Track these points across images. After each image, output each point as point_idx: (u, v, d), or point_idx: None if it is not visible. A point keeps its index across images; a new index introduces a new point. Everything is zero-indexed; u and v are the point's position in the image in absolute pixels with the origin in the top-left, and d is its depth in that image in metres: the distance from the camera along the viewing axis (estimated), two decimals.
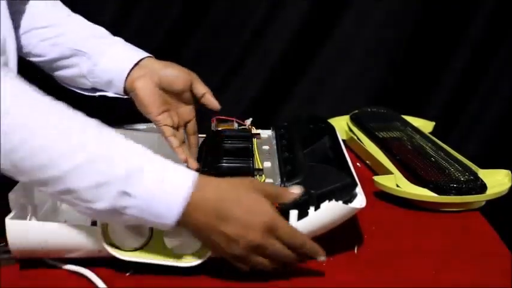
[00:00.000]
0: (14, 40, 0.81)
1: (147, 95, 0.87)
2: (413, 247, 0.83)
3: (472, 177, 0.93)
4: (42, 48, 0.92)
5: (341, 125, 1.16)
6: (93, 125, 0.68)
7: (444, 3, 1.34)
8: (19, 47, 0.83)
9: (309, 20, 1.33)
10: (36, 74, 0.89)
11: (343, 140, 1.12)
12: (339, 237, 0.83)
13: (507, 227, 0.89)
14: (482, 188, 0.92)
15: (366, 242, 0.83)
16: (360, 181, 0.80)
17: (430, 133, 1.15)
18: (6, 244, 0.74)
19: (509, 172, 0.96)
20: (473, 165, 0.98)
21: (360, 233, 0.85)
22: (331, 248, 0.80)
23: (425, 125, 1.21)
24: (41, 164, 0.65)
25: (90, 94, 0.94)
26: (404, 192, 0.91)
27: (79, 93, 0.94)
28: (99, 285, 0.71)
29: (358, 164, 1.08)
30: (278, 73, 1.35)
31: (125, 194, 0.66)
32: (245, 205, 0.69)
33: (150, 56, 0.91)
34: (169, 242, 0.73)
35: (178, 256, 0.73)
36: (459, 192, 0.91)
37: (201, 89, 0.90)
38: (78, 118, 0.68)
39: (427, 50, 1.38)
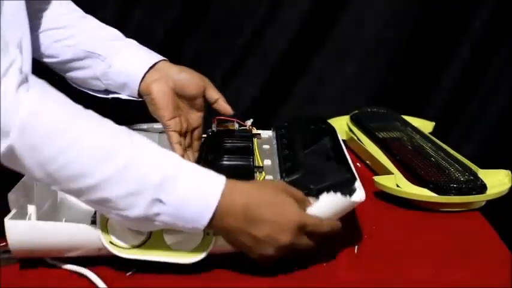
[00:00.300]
0: (29, 42, 0.81)
1: (162, 99, 0.87)
2: (413, 247, 0.83)
3: (472, 177, 0.93)
4: (55, 50, 0.92)
5: (341, 125, 1.16)
6: (124, 133, 0.69)
7: (444, 3, 1.34)
8: (32, 48, 0.84)
9: (309, 20, 1.33)
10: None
11: (343, 140, 1.12)
12: (339, 237, 0.83)
13: (507, 227, 0.89)
14: (482, 188, 0.92)
15: (366, 242, 0.83)
16: (360, 181, 0.80)
17: (430, 133, 1.15)
18: (6, 244, 0.74)
19: (509, 172, 0.96)
20: (473, 165, 0.98)
21: (360, 233, 0.85)
22: (331, 248, 0.80)
23: (425, 125, 1.21)
24: (76, 174, 0.66)
25: (102, 96, 0.94)
26: (404, 192, 0.91)
27: (91, 95, 0.94)
28: (99, 285, 0.71)
29: (358, 164, 1.08)
30: (278, 73, 1.35)
31: (158, 201, 0.67)
32: (273, 206, 0.70)
33: (164, 60, 0.91)
34: (168, 239, 0.73)
35: (178, 253, 0.73)
36: (459, 192, 0.91)
37: (214, 94, 0.90)
38: (109, 126, 0.69)
39: (427, 50, 1.38)
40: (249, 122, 1.01)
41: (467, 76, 1.40)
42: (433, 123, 1.23)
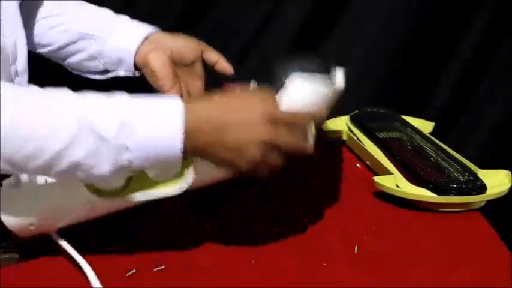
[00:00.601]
0: (24, 40, 0.81)
1: (161, 69, 0.87)
2: (413, 247, 0.83)
3: (471, 178, 0.93)
4: (50, 37, 0.92)
5: (341, 125, 1.16)
6: (69, 94, 0.67)
7: (444, 3, 1.34)
8: (28, 41, 0.84)
9: (310, 19, 1.33)
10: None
11: (343, 141, 1.12)
12: (339, 237, 0.83)
13: (507, 227, 0.89)
14: (482, 188, 0.92)
15: (365, 242, 0.83)
16: (359, 182, 0.80)
17: (429, 133, 1.15)
18: (7, 244, 0.74)
19: (509, 172, 0.96)
20: (473, 165, 0.98)
21: (359, 233, 0.85)
22: (330, 248, 0.80)
23: (425, 126, 1.20)
24: (35, 150, 0.64)
25: (101, 77, 0.94)
26: (404, 192, 0.91)
27: (88, 80, 0.94)
28: (96, 286, 0.71)
29: (357, 164, 1.08)
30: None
31: (124, 148, 0.65)
32: (237, 107, 0.68)
33: (158, 30, 0.91)
34: (150, 171, 0.71)
35: (164, 185, 0.72)
36: (459, 192, 0.91)
37: (213, 56, 0.91)
38: (54, 92, 0.67)
39: (427, 50, 1.38)
40: (252, 83, 1.01)
41: (467, 76, 1.39)
42: (433, 124, 1.22)
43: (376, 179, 0.94)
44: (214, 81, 0.91)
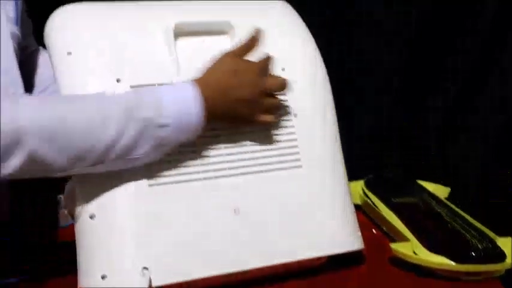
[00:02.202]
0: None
1: None
2: None
3: (490, 245, 0.92)
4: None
5: (356, 189, 1.16)
6: (100, 94, 0.78)
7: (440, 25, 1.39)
8: None
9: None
10: None
11: (358, 205, 1.11)
12: None
13: None
14: (501, 256, 0.90)
15: None
16: (376, 247, 0.79)
17: (446, 198, 1.15)
18: None
19: None
20: (491, 232, 0.97)
21: None
22: None
23: (441, 190, 1.20)
24: (92, 141, 0.72)
25: None
26: (421, 259, 0.90)
27: None
28: None
29: (373, 230, 1.07)
30: None
31: (161, 127, 0.75)
32: (226, 69, 0.82)
33: None
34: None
35: None
36: (477, 260, 0.89)
37: None
38: (83, 95, 0.78)
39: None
40: None
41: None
42: (449, 189, 1.22)
43: (393, 245, 0.93)
44: None
